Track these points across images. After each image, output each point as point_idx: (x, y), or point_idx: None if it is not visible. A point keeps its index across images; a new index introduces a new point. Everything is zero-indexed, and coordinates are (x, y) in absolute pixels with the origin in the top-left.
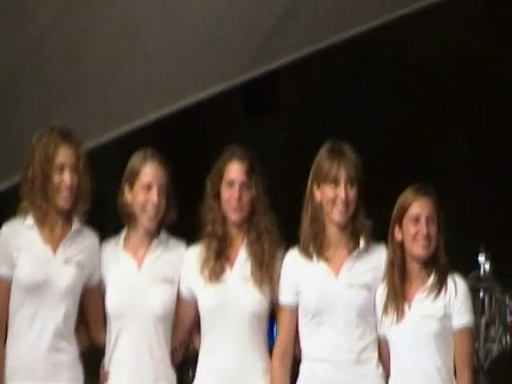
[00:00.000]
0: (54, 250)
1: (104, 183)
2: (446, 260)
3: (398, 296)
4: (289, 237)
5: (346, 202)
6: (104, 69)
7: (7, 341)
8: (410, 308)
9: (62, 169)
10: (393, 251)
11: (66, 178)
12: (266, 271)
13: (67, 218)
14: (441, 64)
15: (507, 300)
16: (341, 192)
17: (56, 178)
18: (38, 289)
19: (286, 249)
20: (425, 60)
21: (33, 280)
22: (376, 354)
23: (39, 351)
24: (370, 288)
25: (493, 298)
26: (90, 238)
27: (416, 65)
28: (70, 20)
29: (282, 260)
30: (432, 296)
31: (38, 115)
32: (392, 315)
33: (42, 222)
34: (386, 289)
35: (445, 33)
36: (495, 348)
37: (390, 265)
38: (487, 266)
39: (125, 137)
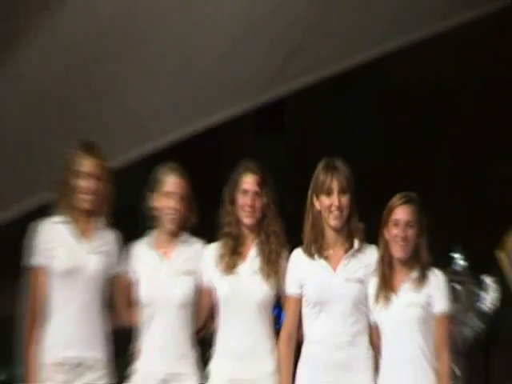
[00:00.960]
0: (83, 242)
1: (136, 193)
2: (428, 258)
3: (386, 286)
4: (293, 239)
5: (340, 209)
6: (135, 93)
7: (45, 320)
8: (396, 297)
9: (84, 177)
10: (382, 248)
11: (87, 185)
12: (272, 267)
13: (93, 216)
14: (421, 94)
15: (479, 291)
16: (334, 200)
17: (79, 184)
18: (70, 275)
19: (291, 249)
20: (409, 90)
21: (66, 268)
22: (367, 339)
23: (74, 326)
24: (362, 282)
25: (466, 290)
26: (111, 234)
27: (401, 94)
28: (107, 54)
29: (287, 258)
30: (415, 287)
31: (76, 136)
32: (381, 303)
33: (72, 219)
34: (377, 281)
35: (426, 67)
36: (469, 332)
37: (380, 259)
38: (462, 263)
39: (154, 153)
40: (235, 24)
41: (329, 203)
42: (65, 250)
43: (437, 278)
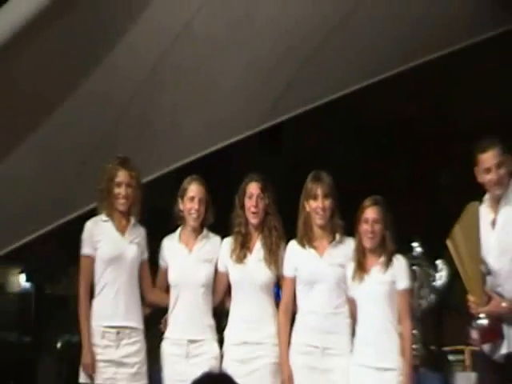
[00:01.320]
0: (123, 235)
1: (167, 199)
2: (392, 246)
3: (360, 269)
4: (289, 233)
5: (323, 210)
6: (166, 127)
7: (95, 297)
8: (368, 277)
9: (119, 185)
10: (357, 239)
11: (122, 191)
12: (273, 256)
13: (127, 215)
14: (388, 121)
15: (432, 272)
16: (319, 203)
17: (116, 191)
18: (114, 261)
19: (287, 241)
20: (379, 119)
21: (111, 256)
22: (346, 309)
23: (118, 301)
24: (342, 266)
25: (423, 271)
26: (141, 228)
27: (374, 122)
28: (143, 98)
29: (284, 248)
30: (383, 269)
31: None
32: (357, 282)
33: (112, 218)
34: (353, 265)
35: (391, 102)
36: (425, 304)
37: (356, 248)
38: (419, 250)
39: (181, 168)
40: (241, 71)
41: (315, 206)
42: (110, 242)
43: (399, 262)
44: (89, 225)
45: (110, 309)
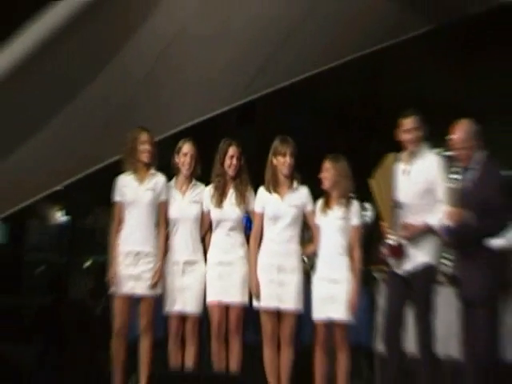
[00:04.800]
0: (141, 184)
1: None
2: (348, 192)
3: (326, 206)
4: (255, 183)
5: (290, 164)
6: (159, 99)
7: (122, 229)
8: (331, 212)
9: (144, 143)
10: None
11: (146, 147)
12: (242, 199)
13: (148, 169)
14: (349, 104)
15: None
16: (287, 159)
17: (141, 148)
18: (133, 204)
19: (254, 188)
20: (333, 102)
21: (131, 200)
22: (298, 239)
23: (137, 233)
24: (298, 207)
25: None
26: (160, 177)
27: (336, 104)
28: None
29: (250, 193)
30: (342, 208)
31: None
32: (323, 215)
33: (135, 172)
34: (321, 201)
35: (350, 87)
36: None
37: (325, 193)
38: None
39: (178, 134)
40: (223, 50)
41: (283, 161)
42: (131, 190)
43: (354, 205)
44: (118, 179)
45: (132, 238)
